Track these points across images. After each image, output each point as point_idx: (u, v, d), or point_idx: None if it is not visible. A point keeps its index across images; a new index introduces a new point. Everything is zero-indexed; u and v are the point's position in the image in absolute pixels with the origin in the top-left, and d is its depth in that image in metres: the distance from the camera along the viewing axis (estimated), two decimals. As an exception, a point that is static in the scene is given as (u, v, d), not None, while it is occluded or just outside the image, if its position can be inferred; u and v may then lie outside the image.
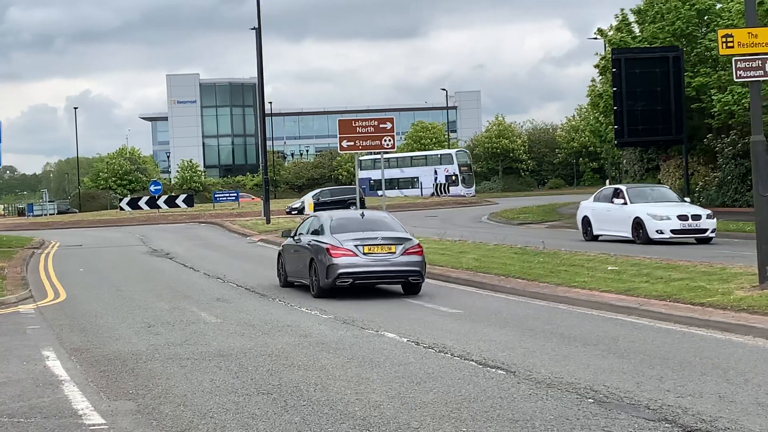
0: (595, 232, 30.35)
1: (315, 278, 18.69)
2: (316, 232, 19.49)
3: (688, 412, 8.59)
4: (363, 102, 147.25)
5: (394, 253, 18.32)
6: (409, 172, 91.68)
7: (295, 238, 20.55)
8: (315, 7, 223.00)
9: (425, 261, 18.89)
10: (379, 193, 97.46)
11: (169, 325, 15.37)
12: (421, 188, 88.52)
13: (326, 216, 20.01)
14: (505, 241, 27.21)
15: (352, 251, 18.19)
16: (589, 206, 31.20)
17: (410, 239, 18.70)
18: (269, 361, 11.74)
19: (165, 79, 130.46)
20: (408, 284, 18.76)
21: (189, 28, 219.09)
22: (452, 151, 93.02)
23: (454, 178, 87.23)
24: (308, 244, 19.36)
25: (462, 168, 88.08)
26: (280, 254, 21.68)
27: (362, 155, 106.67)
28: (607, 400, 9.17)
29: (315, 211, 46.73)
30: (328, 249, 18.31)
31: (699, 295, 14.96)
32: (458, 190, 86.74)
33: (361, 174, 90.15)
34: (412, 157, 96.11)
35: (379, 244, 18.38)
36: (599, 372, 10.44)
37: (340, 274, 18.13)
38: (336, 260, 18.15)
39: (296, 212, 58.33)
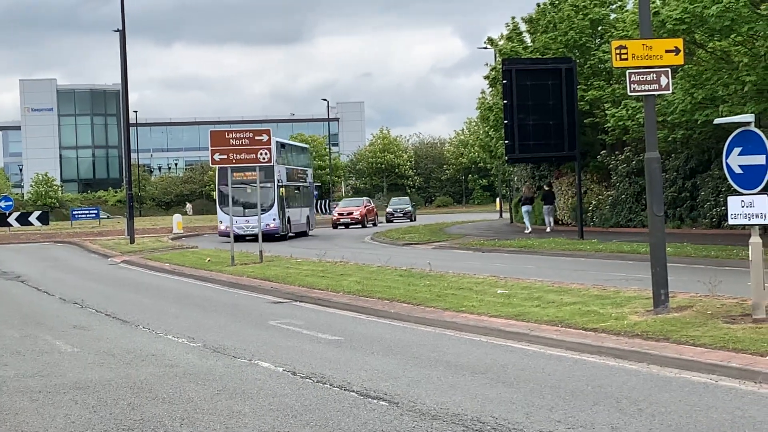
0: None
1: None
2: None
3: (579, 444, 8.74)
4: (238, 112, 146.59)
5: None
6: None
7: None
8: (186, 8, 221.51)
9: None
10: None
11: (19, 354, 15.01)
12: None
13: None
14: (390, 263, 27.35)
15: None
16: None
17: None
18: (131, 394, 11.56)
19: (18, 84, 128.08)
20: None
21: (46, 28, 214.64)
22: None
23: None
24: None
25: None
26: None
27: None
28: (495, 432, 9.28)
29: None
30: None
31: (592, 320, 15.25)
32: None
33: None
34: None
35: None
36: (487, 402, 10.56)
37: None
38: None
39: None
